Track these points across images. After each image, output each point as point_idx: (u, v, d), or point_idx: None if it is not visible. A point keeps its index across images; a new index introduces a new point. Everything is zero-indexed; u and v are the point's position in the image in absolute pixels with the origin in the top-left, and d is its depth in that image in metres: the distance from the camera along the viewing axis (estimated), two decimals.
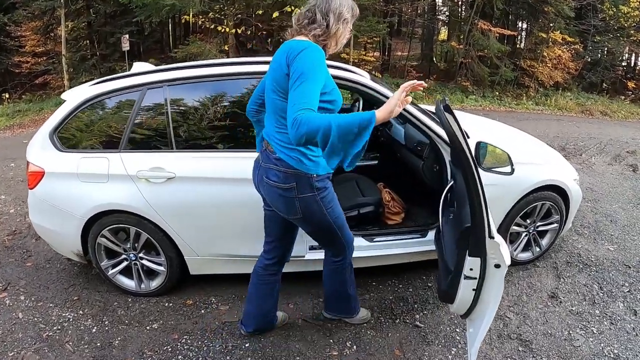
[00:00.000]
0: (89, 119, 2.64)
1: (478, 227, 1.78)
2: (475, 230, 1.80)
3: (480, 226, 1.77)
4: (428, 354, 2.38)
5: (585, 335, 2.52)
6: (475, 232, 1.81)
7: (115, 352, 2.37)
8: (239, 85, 2.59)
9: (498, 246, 1.79)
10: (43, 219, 2.73)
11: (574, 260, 3.23)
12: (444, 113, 1.72)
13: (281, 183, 1.92)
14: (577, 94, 11.70)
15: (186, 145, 2.56)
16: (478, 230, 1.78)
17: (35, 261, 3.21)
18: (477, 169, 1.76)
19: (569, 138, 7.19)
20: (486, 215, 1.76)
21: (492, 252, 1.82)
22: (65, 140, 2.62)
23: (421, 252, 2.81)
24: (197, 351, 2.39)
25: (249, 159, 2.47)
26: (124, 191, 2.53)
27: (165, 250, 2.66)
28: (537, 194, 2.88)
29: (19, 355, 2.33)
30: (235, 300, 2.79)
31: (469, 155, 1.73)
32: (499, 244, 1.79)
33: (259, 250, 2.60)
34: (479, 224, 1.77)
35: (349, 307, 2.49)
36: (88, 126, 2.63)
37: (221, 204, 2.53)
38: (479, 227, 1.77)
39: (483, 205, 1.75)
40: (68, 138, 2.63)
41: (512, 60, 11.65)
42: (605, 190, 4.71)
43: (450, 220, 2.19)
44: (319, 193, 1.94)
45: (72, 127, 2.63)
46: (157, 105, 2.57)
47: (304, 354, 2.37)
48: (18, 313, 2.65)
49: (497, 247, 1.79)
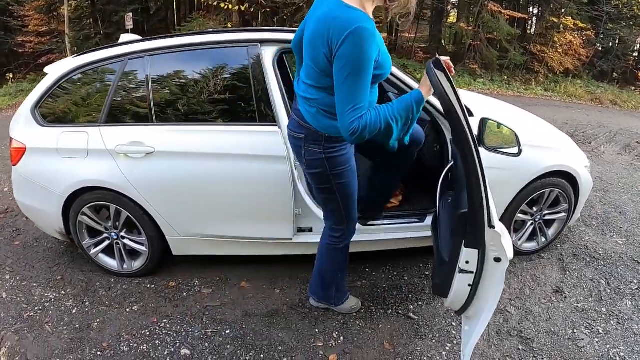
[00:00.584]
0: (70, 92, 2.46)
1: (476, 214, 1.49)
2: (473, 217, 1.52)
3: (478, 212, 1.48)
4: (420, 349, 2.16)
5: (590, 335, 2.28)
6: (472, 220, 1.53)
7: (92, 335, 2.22)
8: (223, 54, 2.35)
9: (499, 237, 1.51)
10: (26, 197, 2.56)
11: (581, 253, 2.97)
12: (434, 69, 1.43)
13: (295, 131, 1.90)
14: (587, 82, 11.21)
15: (167, 119, 2.34)
16: (476, 217, 1.50)
17: (24, 240, 3.06)
18: (475, 142, 1.47)
19: (578, 125, 6.84)
20: (486, 200, 1.47)
21: (492, 243, 1.54)
22: (46, 115, 2.45)
23: (419, 238, 2.57)
24: (175, 336, 2.22)
25: (233, 133, 2.30)
26: (103, 167, 2.34)
27: (145, 229, 2.46)
28: (546, 180, 2.61)
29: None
30: (219, 284, 2.59)
31: (464, 121, 1.43)
32: (501, 235, 1.52)
33: (244, 231, 2.41)
34: (478, 210, 1.48)
35: (329, 294, 2.27)
36: (68, 100, 2.46)
37: (203, 182, 2.32)
38: (477, 213, 1.49)
39: (482, 187, 1.46)
40: (49, 113, 2.46)
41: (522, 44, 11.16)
42: (615, 180, 4.41)
43: (447, 205, 1.93)
44: (325, 152, 1.81)
45: (52, 101, 2.46)
46: (137, 76, 2.37)
47: (287, 343, 2.17)
48: (2, 292, 2.51)
49: (498, 238, 1.51)
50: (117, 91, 2.37)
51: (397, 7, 1.59)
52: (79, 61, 2.43)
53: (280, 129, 2.26)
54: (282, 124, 2.25)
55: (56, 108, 2.46)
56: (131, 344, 2.16)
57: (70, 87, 2.45)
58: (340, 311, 2.34)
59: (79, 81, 2.44)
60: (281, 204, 2.32)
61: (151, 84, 2.33)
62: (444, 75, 1.44)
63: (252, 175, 2.28)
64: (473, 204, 1.50)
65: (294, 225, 2.41)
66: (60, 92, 2.45)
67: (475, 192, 1.47)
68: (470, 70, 10.84)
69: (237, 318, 2.33)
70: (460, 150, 1.49)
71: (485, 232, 1.51)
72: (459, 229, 1.61)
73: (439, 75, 1.44)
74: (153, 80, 2.34)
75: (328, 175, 1.86)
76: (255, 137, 2.28)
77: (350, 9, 1.54)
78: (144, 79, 2.34)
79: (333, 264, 2.15)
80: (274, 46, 2.31)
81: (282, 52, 2.36)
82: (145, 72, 2.34)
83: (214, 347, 2.15)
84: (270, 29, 2.61)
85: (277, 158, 2.25)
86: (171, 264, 2.70)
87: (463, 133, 1.43)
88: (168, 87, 2.38)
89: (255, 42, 2.29)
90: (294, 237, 2.45)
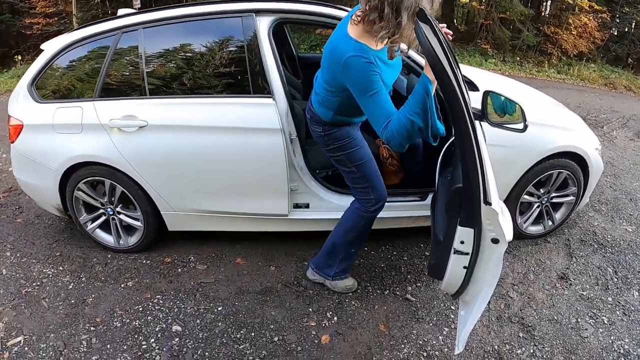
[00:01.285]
0: (65, 67, 2.36)
1: (470, 188, 1.31)
2: (468, 193, 1.34)
3: (473, 187, 1.30)
4: (416, 332, 2.03)
5: (594, 325, 2.11)
6: (467, 195, 1.35)
7: (87, 310, 2.16)
8: (218, 25, 2.22)
9: (496, 215, 1.34)
10: (24, 174, 2.49)
11: (589, 239, 2.77)
12: (418, 23, 1.22)
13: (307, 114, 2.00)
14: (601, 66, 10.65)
15: (160, 92, 2.23)
16: (471, 192, 1.32)
17: (26, 217, 2.99)
18: (468, 107, 1.28)
19: (590, 109, 6.49)
20: (481, 173, 1.29)
21: (488, 222, 1.37)
22: (42, 91, 2.36)
23: (419, 217, 2.41)
24: (167, 312, 2.14)
25: (227, 105, 2.18)
26: (97, 141, 2.25)
27: (140, 204, 2.37)
28: (554, 161, 2.41)
29: None
30: (214, 260, 2.49)
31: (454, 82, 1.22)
32: (497, 213, 1.34)
33: (238, 206, 2.29)
34: (472, 184, 1.30)
35: (331, 264, 2.17)
36: (64, 75, 2.38)
37: (196, 155, 2.21)
38: (472, 188, 1.30)
39: (477, 158, 1.27)
40: (45, 89, 2.38)
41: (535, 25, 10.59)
42: (626, 166, 4.14)
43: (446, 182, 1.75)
44: (325, 131, 1.92)
45: (49, 77, 2.37)
46: (131, 50, 2.26)
47: (279, 322, 2.06)
48: (2, 269, 2.46)
49: (494, 217, 1.34)
50: (111, 65, 2.26)
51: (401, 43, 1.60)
52: (74, 36, 2.34)
53: (275, 102, 2.11)
54: (278, 97, 2.11)
55: (52, 84, 2.38)
56: (124, 319, 2.09)
57: (66, 63, 2.35)
58: (333, 288, 2.22)
59: (74, 56, 2.34)
60: (275, 178, 2.20)
61: (145, 57, 2.22)
62: (429, 28, 1.22)
63: (246, 149, 2.15)
64: (467, 177, 1.32)
65: (289, 200, 2.28)
66: (56, 67, 2.36)
67: (470, 164, 1.28)
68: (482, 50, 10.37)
69: (230, 295, 2.24)
70: (452, 117, 1.30)
71: (481, 209, 1.34)
72: (453, 205, 1.43)
73: (424, 28, 1.22)
74: (147, 53, 2.23)
75: (334, 148, 1.94)
76: (250, 110, 2.15)
77: (349, 40, 1.58)
78: (138, 52, 2.22)
79: (351, 232, 2.07)
80: (270, 16, 2.16)
81: (279, 22, 2.20)
82: (139, 45, 2.22)
83: (205, 324, 2.06)
84: None
85: (272, 131, 2.12)
86: (167, 240, 2.61)
87: (453, 96, 1.23)
88: (162, 60, 2.26)
89: (250, 12, 2.15)
90: (290, 213, 2.32)
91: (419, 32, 1.24)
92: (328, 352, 1.92)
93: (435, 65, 1.23)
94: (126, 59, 2.27)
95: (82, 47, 2.32)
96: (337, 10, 2.19)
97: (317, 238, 2.55)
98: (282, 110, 2.12)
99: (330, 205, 2.34)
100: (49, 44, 2.43)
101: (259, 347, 1.94)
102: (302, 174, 2.24)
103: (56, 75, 2.37)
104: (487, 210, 1.35)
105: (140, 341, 1.98)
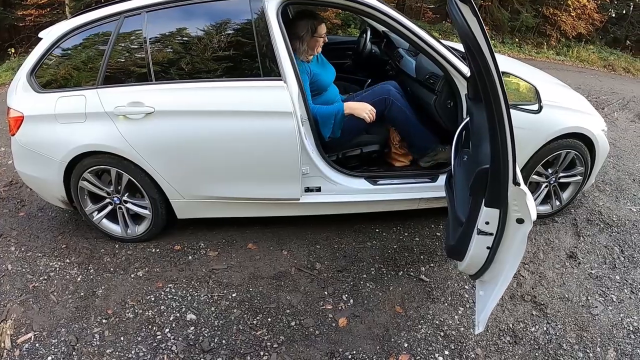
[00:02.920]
0: (66, 55, 2.31)
1: (501, 170, 1.33)
2: (496, 174, 1.35)
3: (503, 169, 1.32)
4: (432, 312, 2.07)
5: (604, 302, 2.17)
6: (495, 176, 1.37)
7: (97, 302, 2.15)
8: (225, 7, 2.19)
9: (524, 196, 1.36)
10: (27, 166, 2.45)
11: (595, 219, 2.83)
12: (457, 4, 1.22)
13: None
14: (600, 48, 10.71)
15: (167, 77, 2.19)
16: (500, 173, 1.34)
17: (28, 211, 2.96)
18: (504, 89, 1.28)
19: (590, 91, 6.55)
20: (513, 155, 1.31)
21: (515, 202, 1.40)
22: (42, 81, 2.31)
23: (430, 199, 2.45)
24: (180, 301, 2.14)
25: (236, 89, 2.16)
26: (102, 130, 2.22)
27: (148, 192, 2.35)
28: (562, 141, 2.45)
29: (4, 309, 2.11)
30: (225, 246, 2.51)
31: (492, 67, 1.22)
32: (525, 193, 1.37)
33: (249, 191, 2.30)
34: (503, 166, 1.32)
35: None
36: (65, 63, 2.32)
37: (206, 141, 2.19)
38: (502, 169, 1.32)
39: (509, 140, 1.29)
40: (45, 78, 2.32)
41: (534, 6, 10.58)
42: (628, 147, 4.21)
43: (464, 163, 1.78)
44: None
45: (48, 66, 2.32)
46: (135, 34, 2.22)
47: (295, 306, 2.09)
48: (7, 264, 2.43)
49: (523, 197, 1.36)
50: (115, 51, 2.22)
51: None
52: (74, 23, 2.28)
53: (286, 84, 2.10)
54: (288, 79, 2.10)
55: (52, 73, 2.32)
56: (136, 310, 2.09)
57: (66, 50, 2.30)
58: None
59: (75, 43, 2.29)
60: (287, 162, 2.20)
61: (149, 42, 2.18)
62: (469, 10, 1.22)
63: (257, 133, 2.14)
64: (498, 159, 1.34)
65: (301, 184, 2.29)
66: (56, 56, 2.31)
67: (502, 145, 1.30)
68: None
69: (244, 281, 2.25)
70: (487, 99, 1.31)
71: (509, 190, 1.36)
72: (478, 186, 1.45)
73: (463, 9, 1.22)
74: (151, 37, 2.19)
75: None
76: (260, 93, 2.13)
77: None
78: (142, 36, 2.18)
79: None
80: None
81: (287, 3, 2.17)
82: (143, 30, 2.18)
83: (220, 311, 2.08)
84: None
85: (283, 114, 2.11)
86: (176, 228, 2.61)
87: (490, 80, 1.24)
88: (167, 44, 2.23)
89: None
90: (302, 197, 2.33)
91: (456, 14, 1.24)
92: (346, 335, 1.96)
93: (473, 45, 1.24)
94: (130, 44, 2.23)
95: (83, 34, 2.26)
96: None
97: (327, 221, 2.60)
98: (294, 93, 2.11)
99: (342, 188, 2.36)
100: (47, 32, 2.37)
101: (277, 333, 1.96)
102: (313, 157, 2.25)
103: (56, 64, 2.32)
104: (515, 191, 1.37)
105: (154, 331, 1.98)
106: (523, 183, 1.41)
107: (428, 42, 2.15)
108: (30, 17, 10.31)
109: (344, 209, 2.48)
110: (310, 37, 2.42)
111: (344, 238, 2.56)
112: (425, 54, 2.22)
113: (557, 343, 1.94)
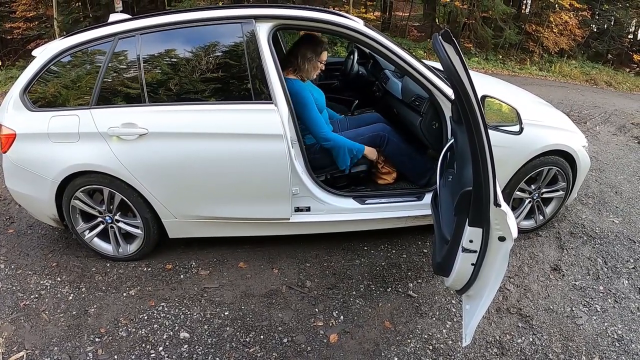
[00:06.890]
0: (59, 75, 2.35)
1: (482, 192, 1.44)
2: (478, 196, 1.47)
3: (484, 190, 1.44)
4: (421, 326, 2.14)
5: (588, 312, 2.27)
6: (477, 198, 1.48)
7: (90, 321, 2.17)
8: (217, 31, 2.26)
9: (505, 216, 1.47)
10: (18, 184, 2.47)
11: (578, 231, 2.95)
12: (442, 43, 1.36)
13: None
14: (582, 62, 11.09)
15: (160, 99, 2.26)
16: (481, 195, 1.45)
17: (18, 228, 2.97)
18: (484, 118, 1.41)
19: (573, 105, 6.78)
20: (493, 178, 1.42)
21: (496, 222, 1.50)
22: (35, 100, 2.35)
23: (417, 217, 2.54)
24: (173, 319, 2.18)
25: (228, 112, 2.23)
26: (95, 150, 2.26)
27: (140, 212, 2.40)
28: (544, 158, 2.57)
29: None
30: (217, 265, 2.55)
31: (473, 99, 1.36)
32: (506, 214, 1.47)
33: (240, 212, 2.36)
34: (484, 188, 1.43)
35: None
36: (58, 83, 2.36)
37: (198, 162, 2.25)
38: (483, 191, 1.44)
39: (489, 165, 1.41)
40: (38, 97, 2.36)
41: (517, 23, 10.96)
42: (610, 160, 4.38)
43: (448, 183, 1.88)
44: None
45: (42, 85, 2.36)
46: (129, 56, 2.27)
47: (287, 324, 2.14)
48: None
49: (503, 217, 1.47)
50: (108, 72, 2.27)
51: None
52: (68, 43, 2.32)
53: (277, 107, 2.19)
54: (279, 102, 2.18)
55: (45, 92, 2.36)
56: (129, 328, 2.12)
57: (60, 70, 2.35)
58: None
59: (68, 63, 2.34)
60: (278, 183, 2.27)
61: (143, 64, 2.24)
62: (452, 48, 1.36)
63: (248, 155, 2.22)
64: (479, 182, 1.45)
65: (291, 204, 2.36)
66: (49, 75, 2.34)
67: (482, 169, 1.42)
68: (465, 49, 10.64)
69: (236, 299, 2.30)
70: (468, 128, 1.43)
71: (490, 210, 1.47)
72: (462, 207, 1.56)
73: (447, 48, 1.36)
74: (145, 59, 2.25)
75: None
76: (251, 116, 2.21)
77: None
78: (135, 58, 2.24)
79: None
80: (269, 22, 2.23)
81: (278, 27, 2.27)
82: (136, 52, 2.24)
83: (213, 329, 2.12)
84: (265, 5, 2.52)
85: (274, 137, 2.19)
86: (167, 246, 2.65)
87: (472, 111, 1.36)
88: (160, 66, 2.29)
89: (250, 18, 2.21)
90: (292, 216, 2.41)
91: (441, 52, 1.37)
92: (337, 350, 2.01)
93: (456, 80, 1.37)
94: (124, 65, 2.29)
95: (77, 54, 2.31)
96: (334, 16, 2.28)
97: (316, 239, 2.67)
98: (284, 116, 2.19)
99: (331, 208, 2.44)
100: (40, 51, 2.42)
101: (270, 350, 2.01)
102: (303, 177, 2.33)
103: (50, 83, 2.35)
104: (496, 211, 1.47)
105: (148, 350, 2.01)
106: (504, 203, 1.51)
107: (413, 65, 2.26)
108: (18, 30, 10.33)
109: (333, 228, 2.56)
110: (314, 60, 2.56)
111: (333, 256, 2.63)
112: (411, 77, 2.32)
113: (543, 353, 2.03)
